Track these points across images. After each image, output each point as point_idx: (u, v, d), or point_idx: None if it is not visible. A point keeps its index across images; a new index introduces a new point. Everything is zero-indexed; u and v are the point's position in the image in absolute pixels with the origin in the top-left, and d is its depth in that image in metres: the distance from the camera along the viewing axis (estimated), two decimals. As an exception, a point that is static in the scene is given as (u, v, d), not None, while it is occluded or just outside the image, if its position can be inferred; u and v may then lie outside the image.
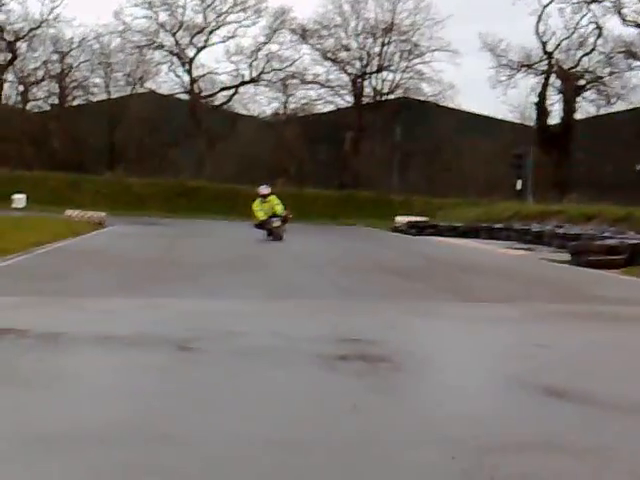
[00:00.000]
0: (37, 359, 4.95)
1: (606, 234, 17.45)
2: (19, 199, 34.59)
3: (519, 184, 32.14)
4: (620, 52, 41.88)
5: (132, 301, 7.69)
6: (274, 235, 18.47)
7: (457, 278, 11.09)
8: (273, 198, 19.39)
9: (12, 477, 3.00)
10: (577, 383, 4.77)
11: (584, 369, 5.27)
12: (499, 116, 46.69)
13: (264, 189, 19.68)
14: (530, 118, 44.17)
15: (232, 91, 46.93)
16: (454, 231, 26.27)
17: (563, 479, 3.11)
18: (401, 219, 30.44)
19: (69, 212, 26.24)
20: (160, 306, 7.38)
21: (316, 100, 47.09)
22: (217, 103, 47.09)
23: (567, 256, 15.19)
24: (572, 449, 3.49)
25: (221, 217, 32.15)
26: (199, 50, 46.22)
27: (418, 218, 30.21)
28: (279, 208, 19.09)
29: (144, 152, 44.24)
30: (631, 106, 41.49)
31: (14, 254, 12.02)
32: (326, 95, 46.88)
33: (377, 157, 43.99)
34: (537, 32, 42.86)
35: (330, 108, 47.35)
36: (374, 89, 46.47)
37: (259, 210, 19.13)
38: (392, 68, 46.08)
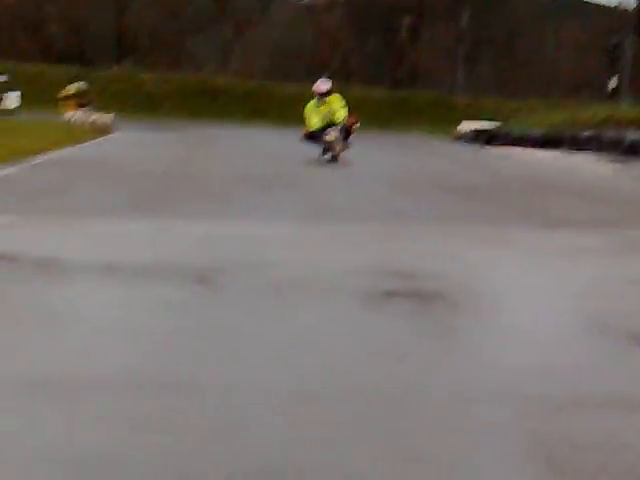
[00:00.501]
0: (32, 290, 5.06)
1: None
2: (12, 98, 34.76)
3: (613, 82, 31.50)
4: None
5: (142, 223, 7.78)
6: (330, 151, 16.63)
7: (532, 199, 11.02)
8: (335, 98, 17.24)
9: (6, 427, 3.10)
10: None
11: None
12: (590, -2, 45.63)
13: (323, 84, 17.38)
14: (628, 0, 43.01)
15: (264, -34, 46.41)
16: (531, 141, 25.97)
17: (650, 444, 3.12)
18: (466, 126, 30.17)
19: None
20: (176, 230, 7.46)
21: (366, -22, 46.33)
22: (246, -18, 46.62)
23: (668, 172, 14.99)
24: (662, 408, 3.50)
25: (251, 122, 32.11)
26: None
27: (487, 124, 29.88)
28: (341, 113, 16.97)
29: (158, 42, 44.14)
30: None
31: (4, 164, 12.19)
32: (378, -28, 46.09)
33: (439, 48, 43.35)
34: None
35: (383, -12, 46.57)
36: (437, -37, 45.60)
37: (313, 115, 17.04)
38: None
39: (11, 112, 32.17)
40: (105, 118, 25.55)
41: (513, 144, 25.98)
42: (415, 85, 40.91)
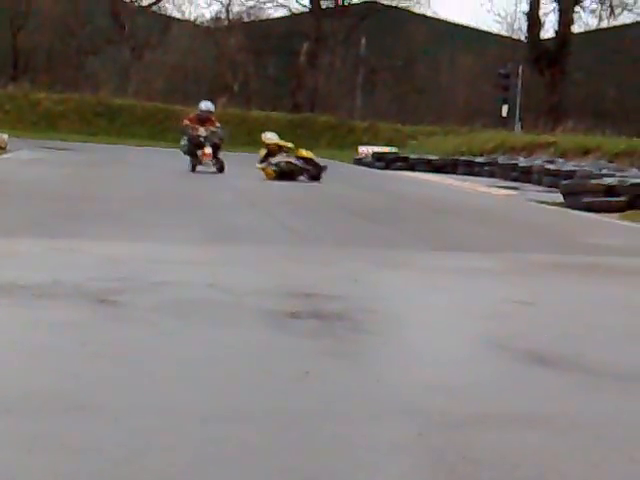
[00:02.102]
0: None
1: (605, 171, 17.72)
2: None
3: (505, 110, 32.32)
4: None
5: (42, 242, 7.66)
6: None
7: (429, 222, 11.23)
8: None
9: None
10: (565, 347, 4.91)
11: (574, 331, 5.41)
12: (483, 27, 46.73)
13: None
14: (520, 31, 44.20)
15: (163, -11, 46.22)
16: (428, 165, 26.44)
17: (545, 457, 3.22)
18: (365, 149, 30.54)
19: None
20: (77, 250, 7.37)
21: (265, 3, 46.58)
22: (145, 3, 46.34)
23: (559, 197, 15.43)
24: (557, 423, 3.61)
25: (150, 143, 31.85)
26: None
27: (386, 149, 30.32)
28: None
29: (56, 61, 43.48)
30: (639, 18, 41.73)
31: None
32: (278, -4, 46.42)
33: (338, 74, 43.80)
34: None
35: (282, 13, 47.00)
36: (336, -10, 46.11)
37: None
38: (357, -35, 45.75)
39: None
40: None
41: (411, 168, 26.39)
42: (314, 109, 41.22)
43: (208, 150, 18.79)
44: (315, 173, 18.35)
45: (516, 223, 12.05)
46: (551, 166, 21.12)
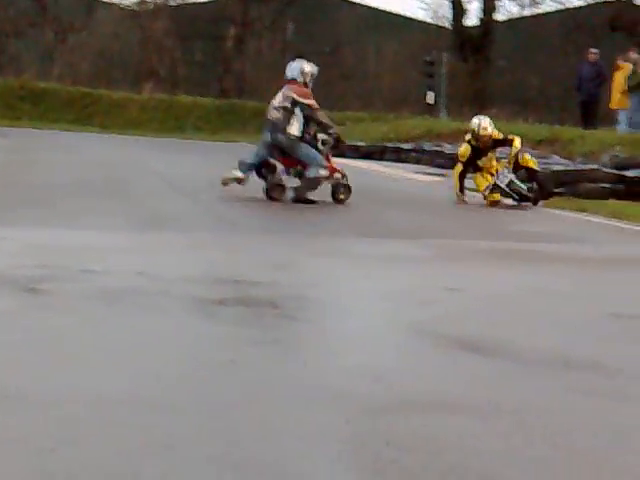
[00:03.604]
0: None
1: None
2: None
3: (431, 97, 32.56)
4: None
5: (-35, 231, 7.53)
6: None
7: (357, 209, 11.27)
8: None
9: None
10: (491, 333, 5.00)
11: (500, 317, 5.51)
12: (409, 14, 46.97)
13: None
14: (445, 18, 44.53)
15: (88, -29, 45.48)
16: (356, 151, 26.50)
17: (468, 442, 3.29)
18: (293, 136, 30.48)
19: None
20: (0, 237, 7.26)
21: (192, -13, 46.15)
22: (69, -14, 45.55)
23: (484, 184, 15.59)
24: (480, 409, 3.68)
25: (75, 127, 31.41)
26: None
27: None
28: None
29: (-24, 44, 42.57)
30: (561, 7, 42.30)
31: None
32: (204, -19, 46.05)
33: (265, 59, 43.67)
34: None
35: (209, -3, 46.54)
36: (262, -25, 45.88)
37: None
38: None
39: None
40: None
41: (339, 155, 26.42)
42: (242, 95, 41.00)
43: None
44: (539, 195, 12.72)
45: (442, 210, 12.17)
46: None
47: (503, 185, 12.41)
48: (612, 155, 15.61)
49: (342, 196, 11.51)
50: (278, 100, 11.74)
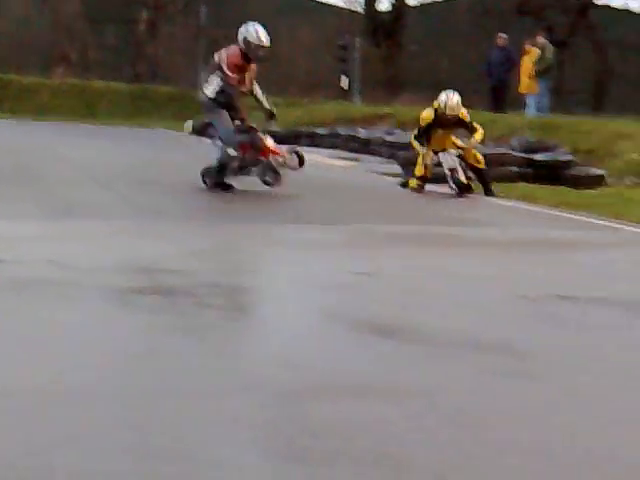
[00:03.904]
0: None
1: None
2: None
3: (344, 81, 32.66)
4: None
5: None
6: None
7: (272, 195, 11.26)
8: None
9: None
10: (402, 317, 5.06)
11: (410, 301, 5.57)
12: (323, -1, 47.00)
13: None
14: (357, 3, 44.65)
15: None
16: (271, 137, 26.43)
17: (381, 427, 3.33)
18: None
19: None
20: None
21: (102, -30, 45.38)
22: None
23: (398, 168, 15.74)
24: (393, 392, 3.73)
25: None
26: None
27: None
28: None
29: None
30: (470, -9, 42.75)
31: None
32: (115, -37, 45.31)
33: (179, 44, 43.24)
34: None
35: (120, -20, 45.81)
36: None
37: None
38: None
39: None
40: None
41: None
42: (155, 80, 40.55)
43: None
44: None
45: (357, 194, 12.23)
46: (390, 137, 21.49)
47: (445, 168, 11.90)
48: (521, 139, 15.90)
49: (268, 179, 10.94)
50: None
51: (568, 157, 14.67)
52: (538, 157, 14.59)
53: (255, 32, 10.63)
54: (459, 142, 12.37)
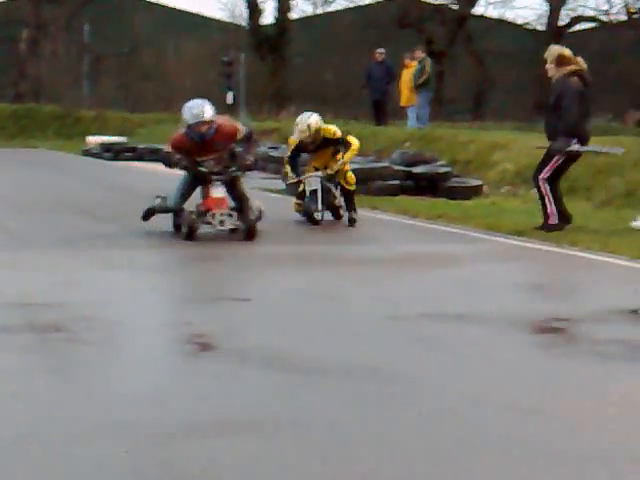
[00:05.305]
0: None
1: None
2: None
3: (230, 97, 32.59)
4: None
5: None
6: None
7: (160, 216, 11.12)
8: None
9: None
10: (271, 344, 5.05)
11: (280, 326, 5.54)
12: (207, 14, 46.87)
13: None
14: (242, 17, 44.62)
15: None
16: (156, 154, 26.16)
17: (245, 463, 3.33)
18: (94, 140, 29.84)
19: None
20: None
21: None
22: None
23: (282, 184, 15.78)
24: (260, 426, 3.74)
25: None
26: None
27: (113, 139, 29.78)
28: None
29: None
30: (352, 5, 43.18)
31: None
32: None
33: (62, 62, 42.51)
34: None
35: (-1, -1, 44.87)
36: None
37: None
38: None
39: None
40: None
41: (140, 158, 26.07)
42: (39, 99, 39.75)
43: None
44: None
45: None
46: (275, 153, 21.50)
47: (308, 190, 10.79)
48: (402, 151, 16.10)
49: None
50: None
51: (446, 169, 14.90)
52: (417, 170, 14.77)
53: (189, 112, 9.96)
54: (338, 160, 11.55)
